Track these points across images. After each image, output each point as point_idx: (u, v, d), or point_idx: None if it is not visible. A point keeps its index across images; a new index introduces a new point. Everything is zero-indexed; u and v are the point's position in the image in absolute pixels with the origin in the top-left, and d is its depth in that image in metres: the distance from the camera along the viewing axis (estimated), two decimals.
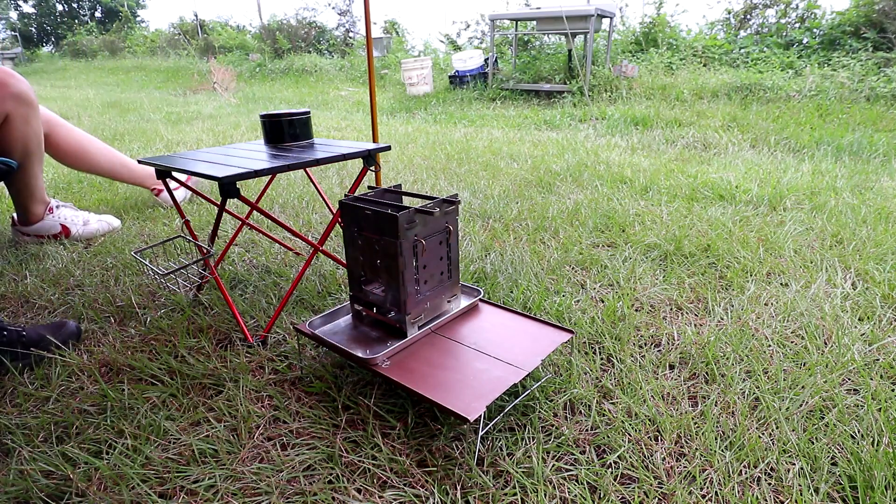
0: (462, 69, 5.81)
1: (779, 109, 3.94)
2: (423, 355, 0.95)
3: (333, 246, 1.77)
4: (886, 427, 0.87)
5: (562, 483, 0.79)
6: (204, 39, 10.63)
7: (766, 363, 1.07)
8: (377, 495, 0.78)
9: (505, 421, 0.92)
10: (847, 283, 1.39)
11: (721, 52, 5.41)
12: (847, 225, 1.78)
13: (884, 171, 2.53)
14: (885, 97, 3.86)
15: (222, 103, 5.96)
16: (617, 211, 1.98)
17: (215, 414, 0.96)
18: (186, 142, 3.56)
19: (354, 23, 9.72)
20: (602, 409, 0.95)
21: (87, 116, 4.90)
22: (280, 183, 2.50)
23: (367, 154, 1.27)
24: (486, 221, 1.93)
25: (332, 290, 1.41)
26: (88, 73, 10.27)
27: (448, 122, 4.59)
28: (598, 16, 4.78)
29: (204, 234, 1.84)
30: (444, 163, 2.86)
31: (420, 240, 0.94)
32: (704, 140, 3.29)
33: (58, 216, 1.81)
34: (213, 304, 1.34)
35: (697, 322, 1.24)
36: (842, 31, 5.05)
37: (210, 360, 1.11)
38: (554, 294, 1.37)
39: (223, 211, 1.17)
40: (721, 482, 0.79)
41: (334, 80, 7.49)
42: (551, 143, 3.42)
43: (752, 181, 2.34)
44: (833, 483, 0.79)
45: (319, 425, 0.92)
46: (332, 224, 1.22)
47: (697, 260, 1.54)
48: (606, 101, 4.68)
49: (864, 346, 1.12)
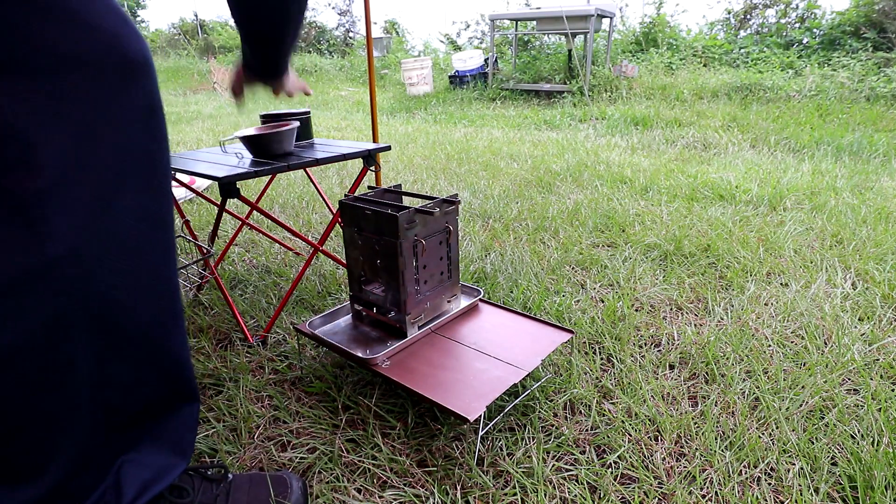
0: (462, 69, 5.81)
1: (779, 109, 3.94)
2: (423, 355, 0.95)
3: (333, 246, 1.77)
4: (886, 427, 0.87)
5: (562, 483, 0.79)
6: (204, 39, 10.63)
7: (766, 363, 1.07)
8: (377, 495, 0.78)
9: (505, 421, 0.92)
10: (847, 283, 1.39)
11: (721, 52, 5.41)
12: (847, 225, 1.78)
13: (884, 171, 2.53)
14: (885, 97, 3.86)
15: (222, 103, 5.96)
16: (617, 211, 1.98)
17: (215, 414, 0.96)
18: (186, 142, 3.56)
19: (354, 23, 9.72)
20: (602, 409, 0.95)
21: None
22: (280, 183, 2.50)
23: (367, 154, 1.27)
24: (486, 221, 1.93)
25: (332, 290, 1.41)
26: None
27: (448, 122, 4.59)
28: (598, 16, 4.78)
29: (204, 234, 1.84)
30: (444, 163, 2.86)
31: (420, 240, 0.94)
32: (704, 140, 3.29)
33: None
34: (213, 304, 1.34)
35: (697, 322, 1.24)
36: (842, 31, 5.05)
37: (210, 360, 1.11)
38: (554, 294, 1.37)
39: (223, 211, 1.17)
40: (721, 482, 0.79)
41: (334, 80, 7.49)
42: (551, 143, 3.42)
43: (752, 181, 2.34)
44: (833, 483, 0.79)
45: (319, 425, 0.92)
46: (332, 224, 1.22)
47: (697, 260, 1.54)
48: (606, 101, 4.68)
49: (864, 346, 1.12)
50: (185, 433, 0.69)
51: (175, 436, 0.68)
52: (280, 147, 1.19)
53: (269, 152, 1.19)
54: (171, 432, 0.68)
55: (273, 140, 1.17)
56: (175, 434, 0.68)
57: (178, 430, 0.68)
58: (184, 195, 2.24)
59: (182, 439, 0.69)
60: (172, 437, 0.68)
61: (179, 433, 0.69)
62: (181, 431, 0.69)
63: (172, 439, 0.68)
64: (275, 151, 1.19)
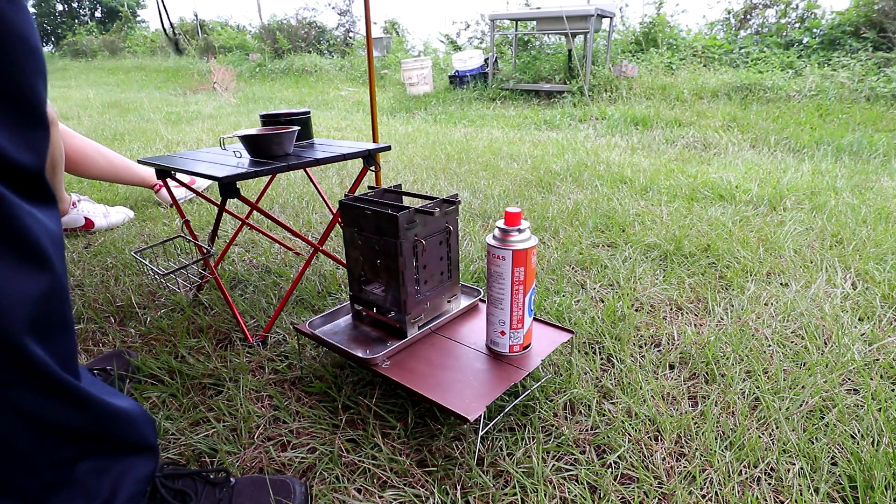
0: (462, 69, 5.81)
1: (779, 109, 3.94)
2: (423, 355, 0.95)
3: (333, 246, 1.77)
4: (886, 427, 0.87)
5: (562, 483, 0.79)
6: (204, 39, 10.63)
7: (766, 363, 1.07)
8: (377, 495, 0.78)
9: (505, 421, 0.92)
10: (847, 283, 1.39)
11: (721, 52, 5.41)
12: (847, 225, 1.78)
13: (884, 171, 2.53)
14: (885, 97, 3.86)
15: (222, 103, 5.95)
16: (617, 211, 1.98)
17: (215, 414, 0.96)
18: (186, 142, 3.56)
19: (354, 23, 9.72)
20: (602, 409, 0.95)
21: (87, 116, 4.89)
22: (280, 183, 2.50)
23: (367, 154, 1.27)
24: (486, 221, 1.93)
25: (332, 290, 1.41)
26: (88, 73, 10.26)
27: (448, 122, 4.59)
28: (598, 16, 4.78)
29: (204, 234, 1.84)
30: (444, 163, 2.86)
31: (420, 240, 0.94)
32: (704, 140, 3.29)
33: (81, 210, 1.86)
34: (213, 304, 1.34)
35: (697, 322, 1.24)
36: (842, 31, 5.05)
37: (210, 360, 1.11)
38: (554, 294, 1.37)
39: (223, 211, 1.17)
40: (721, 482, 0.79)
41: (334, 80, 7.49)
42: (551, 143, 3.42)
43: (752, 181, 2.34)
44: (833, 483, 0.79)
45: (319, 425, 0.92)
46: (332, 224, 1.22)
47: (697, 260, 1.54)
48: (606, 101, 4.68)
49: (864, 346, 1.12)
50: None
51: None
52: (280, 149, 1.19)
53: (267, 153, 1.19)
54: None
55: (272, 141, 1.17)
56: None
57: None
58: (184, 195, 2.24)
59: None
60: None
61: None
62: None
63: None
64: (274, 153, 1.19)
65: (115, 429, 0.64)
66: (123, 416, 0.65)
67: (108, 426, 0.63)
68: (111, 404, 0.63)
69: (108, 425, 0.63)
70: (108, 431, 0.63)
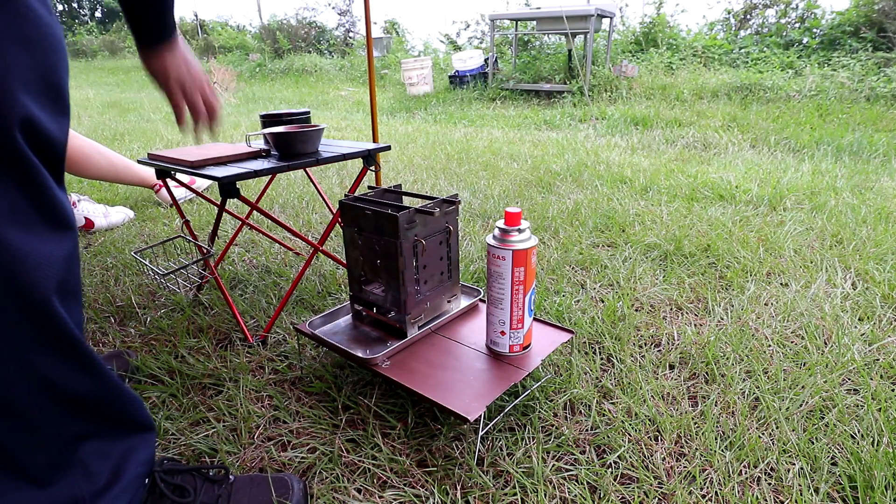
0: (462, 69, 5.81)
1: (779, 109, 3.94)
2: (423, 355, 0.95)
3: (333, 246, 1.77)
4: (886, 427, 0.87)
5: (562, 483, 0.79)
6: (204, 39, 10.63)
7: (766, 363, 1.07)
8: (377, 495, 0.78)
9: (505, 421, 0.92)
10: (847, 283, 1.39)
11: (721, 52, 5.41)
12: (847, 225, 1.78)
13: (884, 171, 2.53)
14: (885, 97, 3.87)
15: (222, 103, 5.95)
16: (617, 211, 1.98)
17: (215, 414, 0.96)
18: (187, 142, 3.56)
19: (354, 23, 9.73)
20: (602, 409, 0.95)
21: (87, 116, 4.89)
22: (280, 183, 2.50)
23: (367, 154, 1.27)
24: (486, 221, 1.93)
25: (332, 290, 1.41)
26: (88, 72, 10.26)
27: (448, 122, 4.59)
28: (598, 16, 4.78)
29: (204, 234, 1.84)
30: (444, 163, 2.86)
31: (420, 240, 0.94)
32: (704, 140, 3.29)
33: (81, 210, 1.86)
34: (213, 304, 1.34)
35: (697, 322, 1.24)
36: (842, 31, 5.05)
37: (210, 360, 1.11)
38: (554, 294, 1.37)
39: (223, 211, 1.17)
40: (721, 482, 0.79)
41: (334, 80, 7.49)
42: (551, 143, 3.42)
43: (752, 181, 2.34)
44: (833, 483, 0.79)
45: (319, 425, 0.92)
46: (332, 224, 1.22)
47: (697, 260, 1.54)
48: (606, 101, 4.68)
49: (864, 346, 1.12)
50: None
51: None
52: (306, 147, 1.21)
53: (294, 151, 1.20)
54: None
55: (299, 140, 1.19)
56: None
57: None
58: (184, 195, 2.24)
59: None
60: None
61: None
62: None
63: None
64: (301, 150, 1.20)
65: (121, 403, 0.65)
66: (128, 393, 0.66)
67: (116, 400, 0.64)
68: (118, 379, 0.65)
69: (115, 398, 0.64)
70: (115, 406, 0.64)
